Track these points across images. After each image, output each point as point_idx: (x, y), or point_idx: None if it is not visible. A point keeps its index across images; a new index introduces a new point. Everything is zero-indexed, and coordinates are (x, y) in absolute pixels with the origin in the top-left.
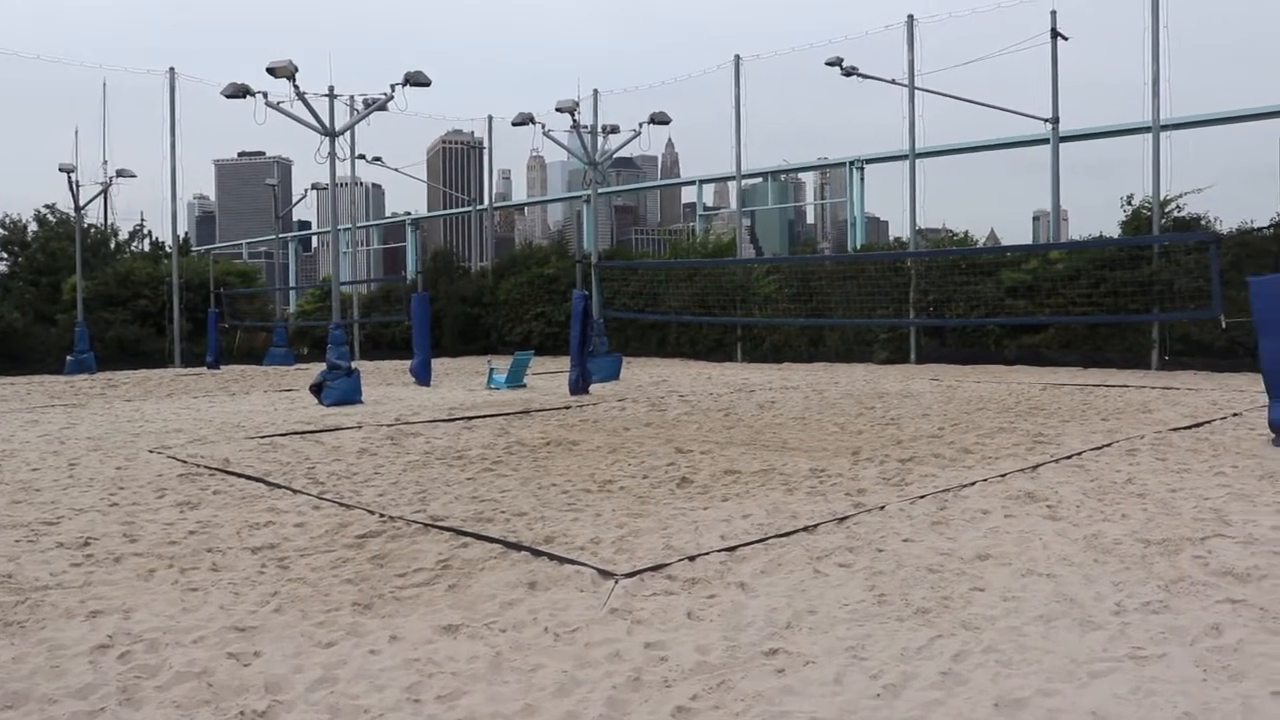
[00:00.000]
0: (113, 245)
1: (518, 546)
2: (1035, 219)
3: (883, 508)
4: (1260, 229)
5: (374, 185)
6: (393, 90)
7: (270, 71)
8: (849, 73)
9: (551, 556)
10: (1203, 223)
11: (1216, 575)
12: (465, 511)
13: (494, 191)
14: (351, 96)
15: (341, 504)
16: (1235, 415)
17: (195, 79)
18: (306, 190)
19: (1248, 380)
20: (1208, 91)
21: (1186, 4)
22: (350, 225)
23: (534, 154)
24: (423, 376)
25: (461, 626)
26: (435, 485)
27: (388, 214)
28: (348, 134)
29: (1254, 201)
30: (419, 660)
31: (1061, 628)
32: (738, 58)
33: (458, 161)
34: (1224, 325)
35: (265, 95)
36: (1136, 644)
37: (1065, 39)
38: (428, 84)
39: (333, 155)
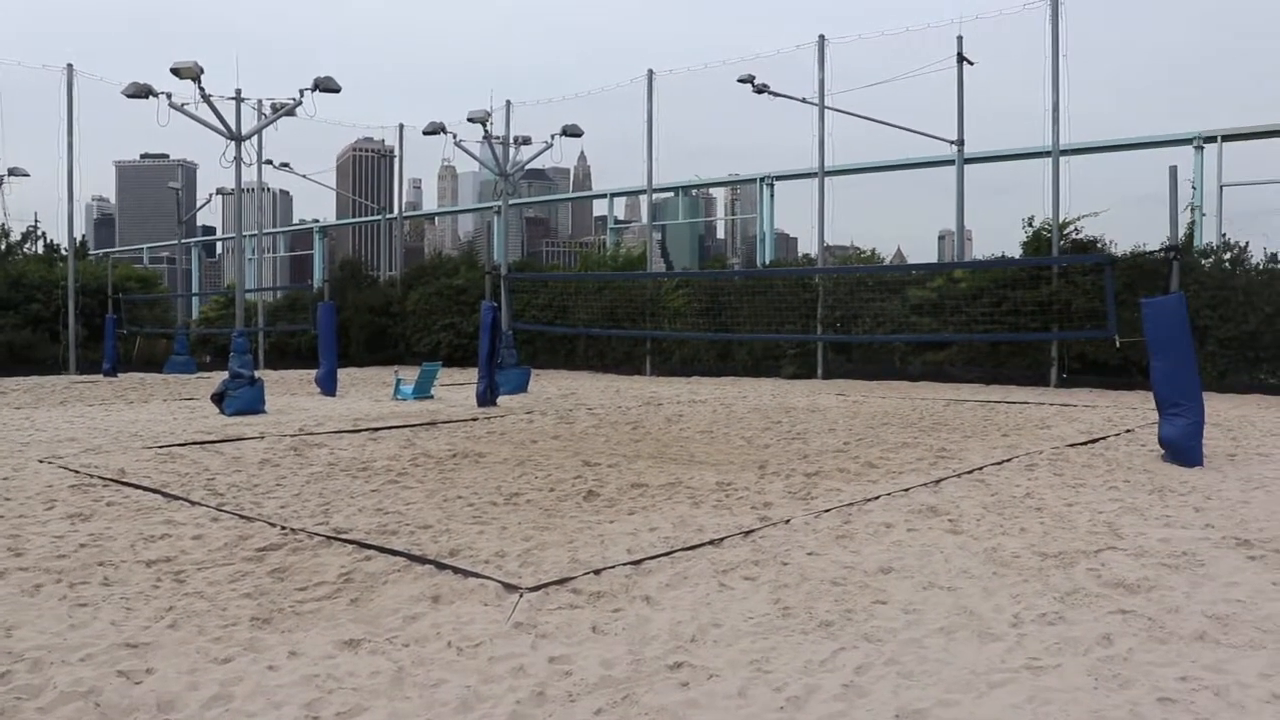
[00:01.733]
0: (4, 246)
1: (422, 560)
2: (941, 238)
3: (788, 521)
4: (1152, 252)
5: (282, 191)
6: (302, 95)
7: (174, 72)
8: (760, 90)
9: (456, 570)
10: (1099, 245)
11: (1109, 587)
12: (369, 524)
13: (404, 200)
14: (260, 100)
15: (241, 516)
16: (1128, 432)
17: (94, 76)
18: (212, 195)
19: (1140, 398)
20: (1105, 120)
21: (1087, 37)
22: (257, 231)
23: (445, 163)
24: (328, 386)
25: (363, 641)
26: (339, 497)
27: (295, 221)
28: (255, 139)
29: (1146, 226)
30: (319, 676)
31: (961, 639)
32: (651, 72)
33: (368, 169)
34: (1118, 345)
35: (169, 96)
36: (1033, 655)
37: (971, 64)
38: (338, 90)
39: (238, 160)
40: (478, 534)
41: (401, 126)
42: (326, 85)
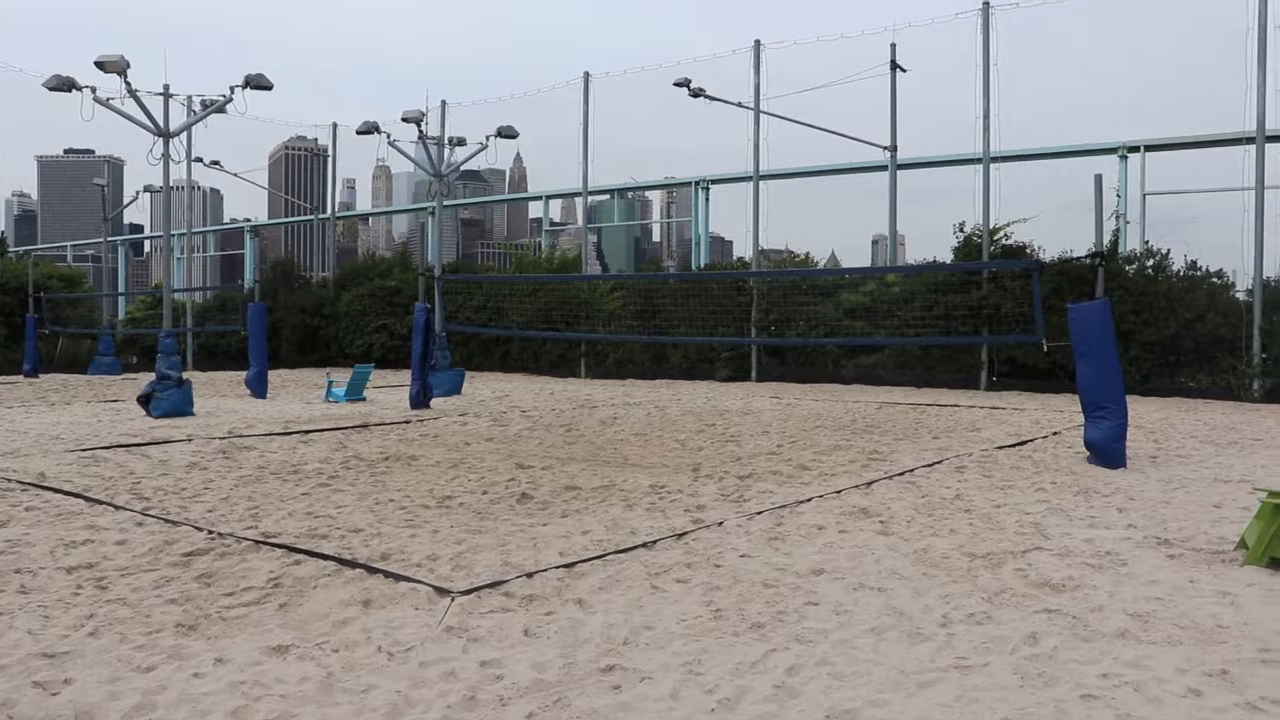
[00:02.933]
0: None
1: (352, 564)
2: (874, 243)
3: (721, 524)
4: (1079, 258)
5: (212, 189)
6: (232, 92)
7: (99, 66)
8: (696, 94)
9: (387, 574)
10: (1028, 251)
11: (1035, 586)
12: (299, 528)
13: (337, 200)
14: (189, 96)
15: (167, 520)
16: (1055, 434)
17: (15, 69)
18: (139, 192)
19: (1067, 401)
20: (1034, 128)
21: (1017, 46)
22: (185, 230)
23: (380, 163)
24: (258, 388)
25: (292, 647)
26: (268, 501)
27: (226, 220)
28: (184, 135)
29: (1074, 232)
30: (245, 683)
31: (891, 640)
32: (587, 74)
33: (301, 168)
34: (1046, 349)
35: (94, 90)
36: (961, 654)
37: (904, 71)
38: (269, 87)
39: (166, 157)
40: (410, 537)
41: (335, 125)
42: (258, 83)
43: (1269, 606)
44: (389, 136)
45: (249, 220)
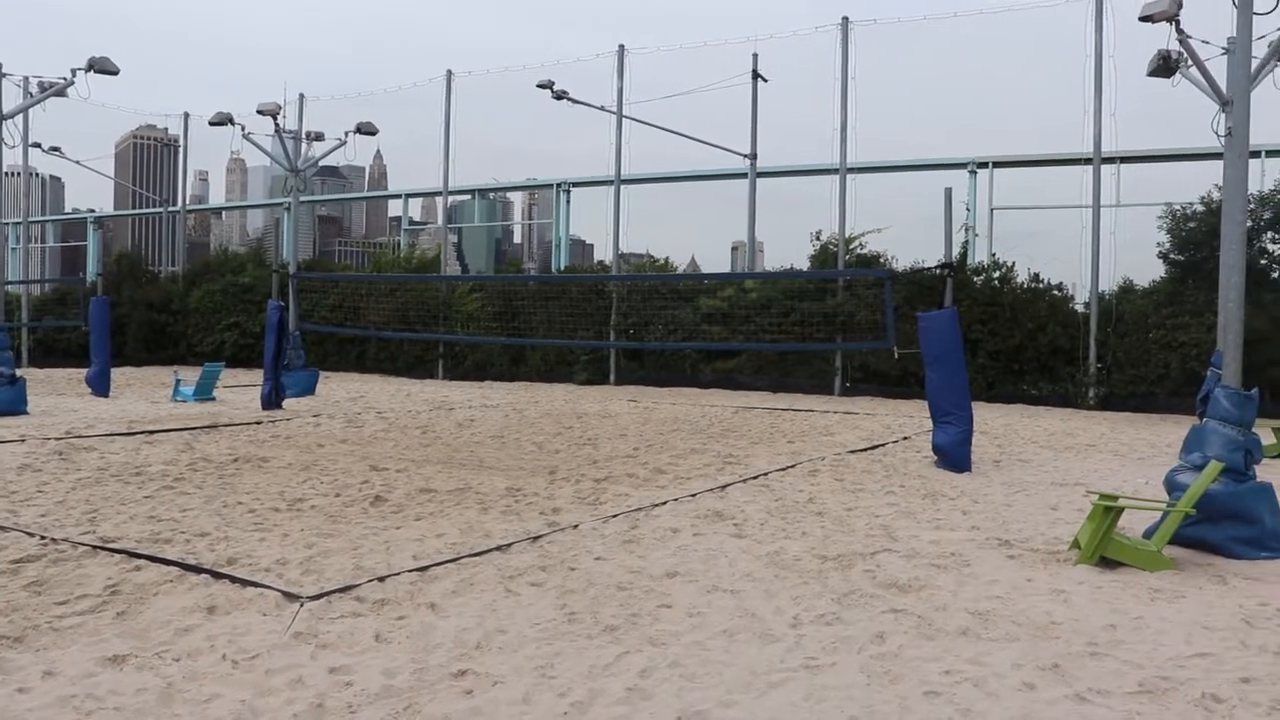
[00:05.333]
0: None
1: (197, 569)
2: (734, 249)
3: (576, 526)
4: (929, 268)
5: (52, 177)
6: (74, 75)
7: None
8: (560, 96)
9: (234, 579)
10: (881, 260)
11: (883, 587)
12: (141, 532)
13: (189, 193)
14: (26, 78)
15: None
16: (905, 439)
17: None
18: None
19: (917, 407)
20: (891, 141)
21: (875, 61)
22: (22, 219)
23: (234, 156)
24: (100, 387)
25: (129, 657)
26: (108, 504)
27: (68, 210)
28: (19, 119)
29: (927, 244)
30: (77, 696)
31: (742, 641)
32: (450, 73)
33: (150, 159)
34: (896, 356)
35: None
36: (810, 654)
37: (765, 80)
38: (115, 72)
39: None
40: (258, 541)
41: (186, 115)
42: (102, 66)
43: (1098, 603)
44: (243, 129)
45: (93, 211)
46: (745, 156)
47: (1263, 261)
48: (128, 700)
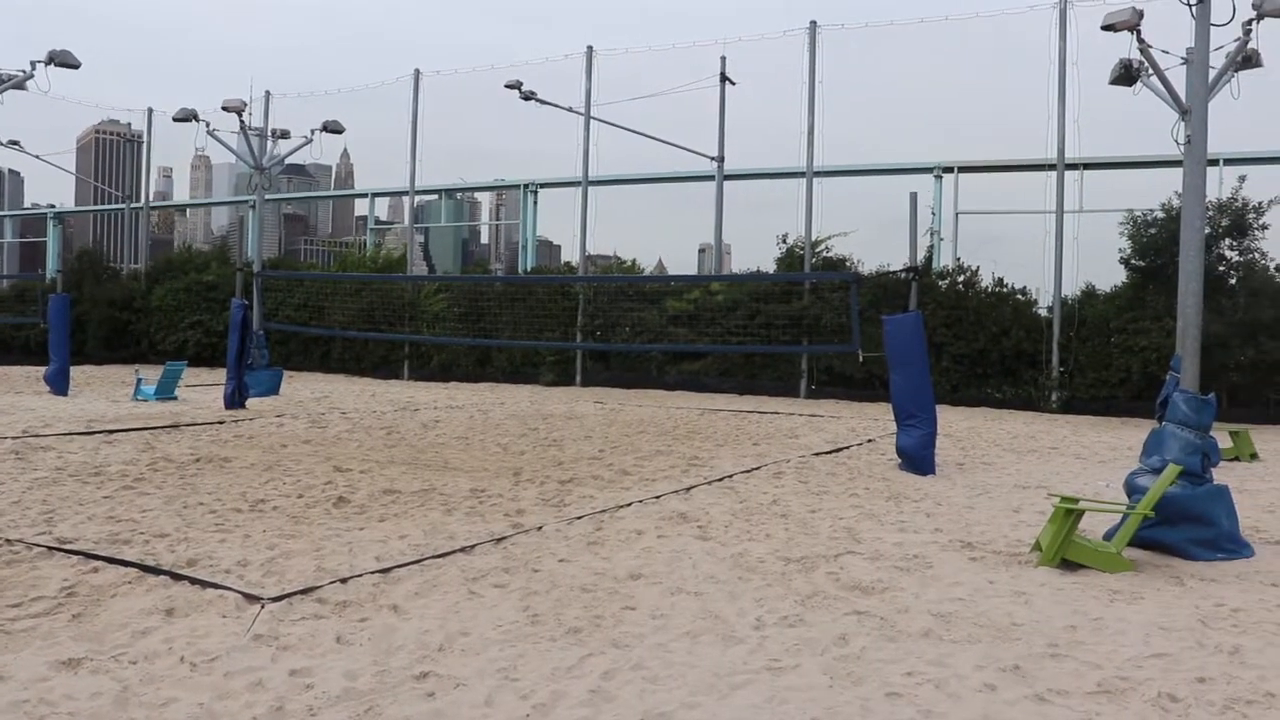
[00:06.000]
0: None
1: (156, 570)
2: (701, 251)
3: (540, 528)
4: (895, 272)
5: (11, 171)
6: (33, 68)
7: None
8: (528, 97)
9: (193, 580)
10: (847, 264)
11: (846, 589)
12: (99, 533)
13: (152, 190)
14: None
15: None
16: (870, 441)
17: None
18: None
19: (882, 410)
20: (857, 145)
21: (842, 65)
22: None
23: (199, 153)
24: (59, 385)
25: (85, 660)
26: (65, 505)
27: (27, 205)
28: None
29: (892, 247)
30: (29, 701)
31: (706, 643)
32: (417, 72)
33: (113, 155)
34: (862, 359)
35: None
36: (773, 656)
37: (733, 83)
38: (76, 66)
39: None
40: (219, 542)
41: (150, 111)
42: (63, 60)
43: (1058, 605)
44: (208, 126)
45: (53, 206)
46: (713, 159)
47: (1220, 268)
48: (82, 705)
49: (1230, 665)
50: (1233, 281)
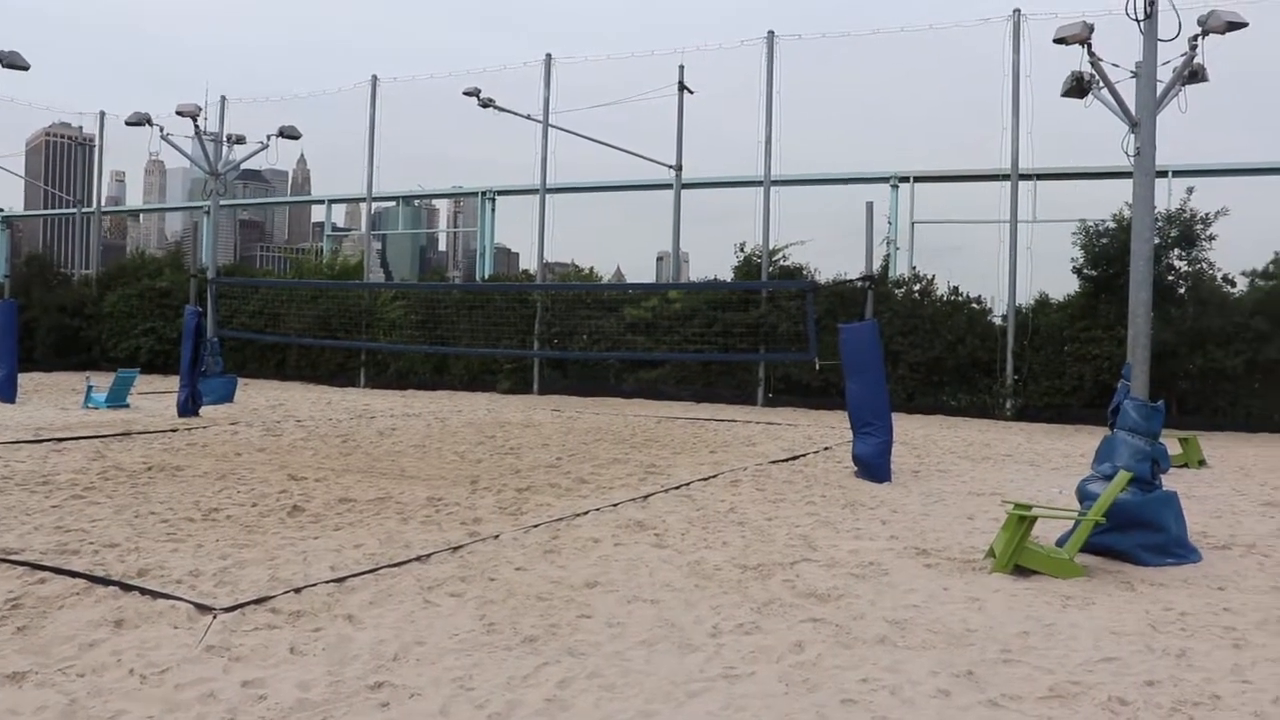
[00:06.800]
0: None
1: (105, 581)
2: (659, 259)
3: (497, 537)
4: (851, 280)
5: None
6: None
7: None
8: (486, 104)
9: (144, 591)
10: (804, 272)
11: (802, 597)
12: (46, 543)
13: (105, 194)
14: None
15: None
16: (826, 449)
17: None
18: None
19: (838, 417)
20: (814, 154)
21: (799, 75)
22: None
23: (153, 157)
24: (6, 393)
25: (30, 673)
26: (12, 514)
27: None
28: None
29: (848, 256)
30: None
31: (662, 651)
32: (375, 78)
33: (64, 158)
34: (818, 367)
35: None
36: (729, 663)
37: (691, 92)
38: (25, 68)
39: None
40: (171, 552)
41: (103, 114)
42: (11, 61)
43: (1012, 611)
44: (162, 130)
45: (1, 210)
46: (671, 167)
47: (1170, 278)
48: (26, 719)
49: (1178, 668)
50: (1182, 291)
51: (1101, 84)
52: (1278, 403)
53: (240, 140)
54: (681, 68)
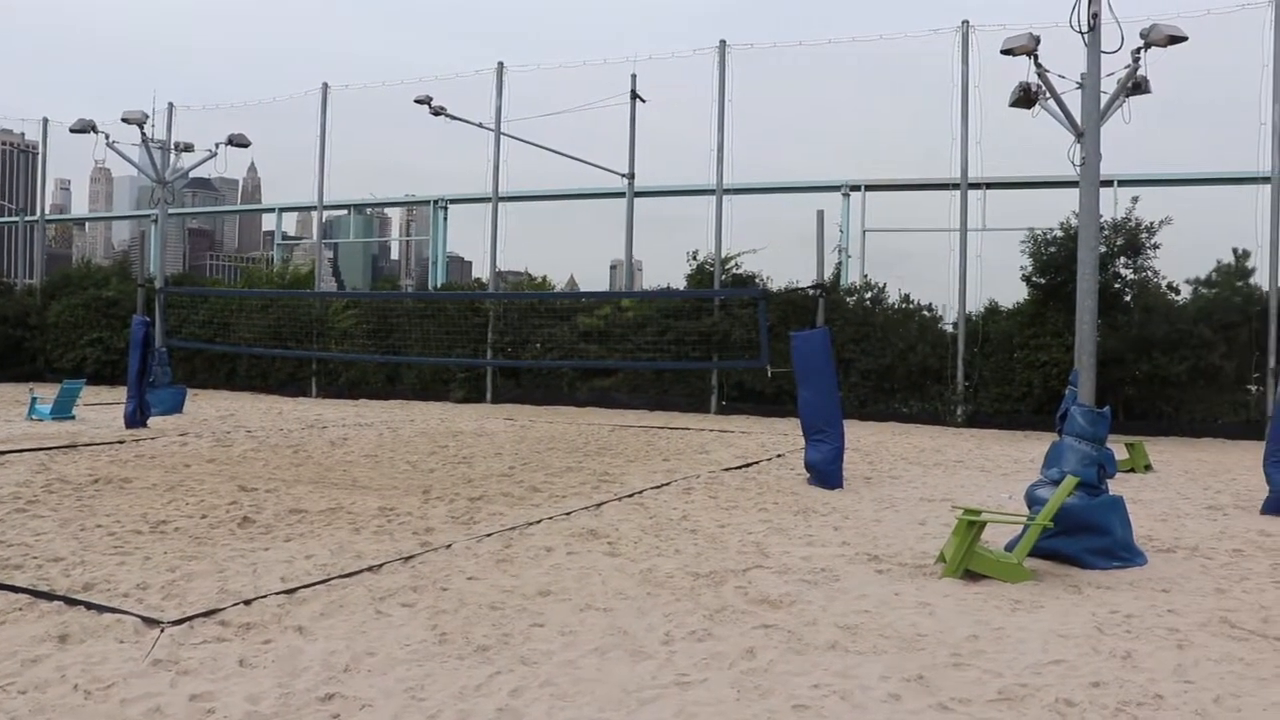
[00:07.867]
0: None
1: (49, 596)
2: (612, 267)
3: (449, 546)
4: (803, 288)
5: None
6: None
7: None
8: (438, 112)
9: (89, 605)
10: (756, 280)
11: (755, 603)
12: None
13: (49, 202)
14: None
15: None
16: (779, 456)
17: None
18: None
19: (791, 425)
20: (766, 163)
21: (751, 84)
22: None
23: (99, 165)
24: None
25: None
26: None
27: None
28: None
29: (800, 264)
30: None
31: (614, 659)
32: (326, 85)
33: (6, 166)
34: (770, 374)
35: None
36: (682, 671)
37: (644, 101)
38: None
39: None
40: (117, 565)
41: (46, 120)
42: None
43: (962, 615)
44: (108, 137)
45: None
46: (623, 176)
47: (1116, 285)
48: None
49: (1123, 670)
50: (1128, 299)
51: (1048, 95)
52: (1221, 408)
53: (188, 148)
54: (634, 76)
